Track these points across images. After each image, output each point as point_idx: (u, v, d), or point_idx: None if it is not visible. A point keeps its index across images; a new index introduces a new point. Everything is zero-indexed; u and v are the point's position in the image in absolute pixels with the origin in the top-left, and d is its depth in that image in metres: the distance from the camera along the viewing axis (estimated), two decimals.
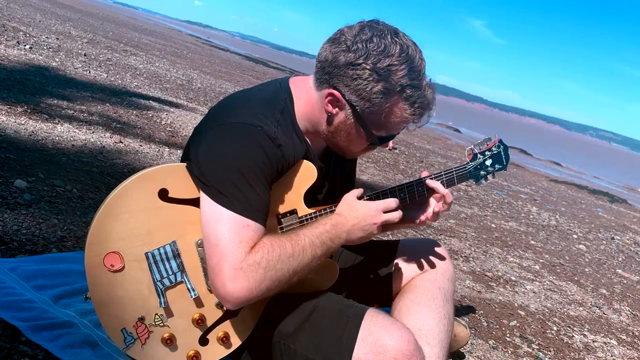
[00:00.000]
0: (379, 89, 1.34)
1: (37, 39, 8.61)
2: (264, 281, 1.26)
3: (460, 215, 5.58)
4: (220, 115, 1.41)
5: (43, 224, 2.22)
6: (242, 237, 1.26)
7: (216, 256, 1.26)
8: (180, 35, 40.33)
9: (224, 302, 1.28)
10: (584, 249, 5.77)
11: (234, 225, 1.27)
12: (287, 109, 1.44)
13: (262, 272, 1.25)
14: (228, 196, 1.28)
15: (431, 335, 1.55)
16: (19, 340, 1.45)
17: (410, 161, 9.04)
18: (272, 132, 1.35)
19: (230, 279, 1.23)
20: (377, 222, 1.48)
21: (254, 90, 1.52)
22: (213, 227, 1.28)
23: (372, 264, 1.84)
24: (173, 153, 4.22)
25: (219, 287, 1.25)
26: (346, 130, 1.44)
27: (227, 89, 11.06)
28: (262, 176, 1.32)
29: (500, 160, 1.74)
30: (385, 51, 1.32)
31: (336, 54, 1.35)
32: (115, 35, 15.96)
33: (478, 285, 3.34)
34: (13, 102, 4.13)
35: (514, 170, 13.80)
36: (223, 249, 1.25)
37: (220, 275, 1.24)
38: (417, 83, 1.35)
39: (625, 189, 20.34)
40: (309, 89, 1.45)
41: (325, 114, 1.44)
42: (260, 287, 1.26)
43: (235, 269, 1.23)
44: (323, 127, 1.46)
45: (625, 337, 3.17)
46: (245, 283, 1.24)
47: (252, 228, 1.28)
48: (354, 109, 1.39)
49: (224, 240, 1.26)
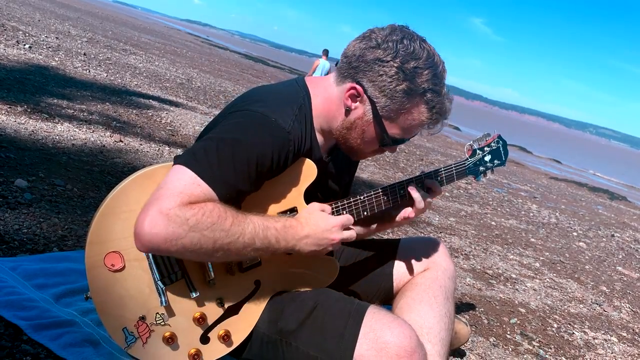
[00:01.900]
0: (402, 88, 1.37)
1: (37, 38, 8.61)
2: (182, 238, 1.20)
3: (461, 213, 5.58)
4: (240, 103, 1.43)
5: (44, 223, 2.22)
6: (186, 190, 1.22)
7: (153, 196, 1.22)
8: (179, 34, 40.30)
9: (136, 241, 1.21)
10: (584, 247, 5.78)
11: (184, 178, 1.23)
12: (304, 106, 1.45)
13: (185, 228, 1.19)
14: (198, 160, 1.26)
15: (432, 333, 1.56)
16: (21, 339, 1.45)
17: (410, 159, 9.04)
18: (287, 125, 1.36)
19: (150, 220, 1.18)
20: (335, 239, 1.43)
21: (272, 86, 1.54)
22: (167, 176, 1.26)
23: (373, 262, 1.84)
24: (173, 152, 4.22)
25: (137, 224, 1.20)
26: (362, 127, 1.45)
27: (226, 88, 11.06)
28: (253, 166, 1.30)
29: (499, 156, 1.74)
30: (414, 53, 1.36)
31: (365, 50, 1.39)
32: (115, 34, 15.95)
33: (478, 283, 3.34)
34: (13, 101, 4.13)
35: (514, 168, 13.81)
36: (162, 192, 1.21)
37: (145, 213, 1.19)
38: (438, 89, 1.39)
39: (625, 186, 20.35)
40: (328, 85, 1.48)
41: (343, 109, 1.45)
42: (175, 242, 1.20)
43: (161, 212, 1.18)
44: (338, 123, 1.47)
45: (625, 334, 3.17)
46: (162, 230, 1.18)
47: (201, 188, 1.24)
48: (374, 105, 1.41)
49: (167, 185, 1.22)
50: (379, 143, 1.48)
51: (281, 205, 1.47)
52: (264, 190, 1.40)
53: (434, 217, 4.91)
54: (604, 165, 36.72)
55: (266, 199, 1.43)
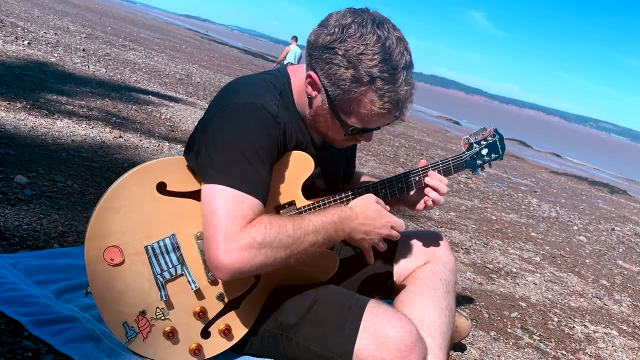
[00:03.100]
0: (347, 76, 1.31)
1: (36, 34, 8.59)
2: (258, 256, 1.24)
3: (461, 207, 5.58)
4: (221, 99, 1.42)
5: (44, 219, 2.22)
6: (237, 213, 1.25)
7: (211, 228, 1.25)
8: (178, 29, 40.20)
9: (218, 272, 1.26)
10: (585, 240, 5.78)
11: (228, 200, 1.26)
12: (285, 92, 1.45)
13: (257, 246, 1.24)
14: (223, 173, 1.28)
15: (433, 327, 1.55)
16: (22, 335, 1.45)
17: (410, 154, 9.03)
18: (273, 110, 1.36)
19: (223, 250, 1.22)
20: (382, 233, 1.48)
21: (253, 75, 1.53)
22: (208, 203, 1.28)
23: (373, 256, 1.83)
24: (173, 147, 4.21)
25: (212, 258, 1.24)
26: (323, 115, 1.42)
27: (226, 83, 11.02)
28: (262, 153, 1.32)
29: (496, 150, 1.75)
30: (361, 39, 1.29)
31: (318, 36, 1.35)
32: (114, 30, 15.91)
33: (479, 277, 3.35)
34: (12, 97, 4.12)
35: (514, 163, 13.80)
36: (218, 222, 1.24)
37: (214, 245, 1.23)
38: (389, 77, 1.30)
39: (625, 180, 20.34)
40: (303, 72, 1.46)
41: (309, 103, 1.44)
42: (253, 262, 1.24)
43: (229, 241, 1.22)
44: (308, 111, 1.46)
45: (626, 328, 3.18)
46: (238, 255, 1.22)
47: (247, 204, 1.27)
48: (327, 94, 1.37)
49: (218, 213, 1.25)
50: (344, 132, 1.43)
51: (278, 200, 1.47)
52: None
53: (434, 211, 4.91)
54: (604, 159, 36.70)
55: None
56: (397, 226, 1.51)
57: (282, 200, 1.47)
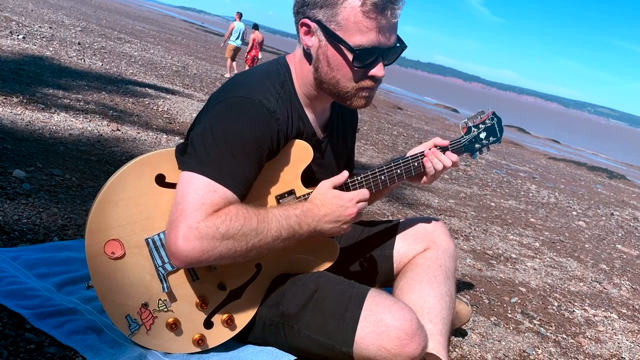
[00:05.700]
0: None
1: (30, 28, 8.53)
2: (217, 247, 1.24)
3: (460, 194, 5.59)
4: (222, 92, 1.42)
5: (43, 213, 2.22)
6: (205, 200, 1.24)
7: (176, 212, 1.24)
8: (174, 21, 39.96)
9: (173, 258, 1.24)
10: (584, 225, 5.79)
11: (200, 188, 1.25)
12: (287, 82, 1.44)
13: (218, 237, 1.23)
14: (202, 163, 1.27)
15: (433, 313, 1.56)
16: (24, 328, 1.46)
17: (409, 142, 9.03)
18: (272, 105, 1.36)
19: (183, 237, 1.20)
20: (350, 213, 1.45)
21: (253, 69, 1.52)
22: (180, 188, 1.27)
23: (373, 244, 1.84)
24: (171, 140, 4.20)
25: (171, 243, 1.23)
26: (324, 55, 1.37)
27: (223, 74, 10.99)
28: (248, 149, 1.31)
29: (495, 133, 1.74)
30: None
31: None
32: (109, 23, 15.82)
33: (479, 264, 3.36)
34: (8, 92, 4.11)
35: (513, 149, 13.80)
36: (184, 207, 1.23)
37: (175, 230, 1.22)
38: None
39: (623, 165, 20.36)
40: (297, 50, 1.47)
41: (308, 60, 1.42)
42: (212, 252, 1.23)
43: (190, 228, 1.21)
44: (312, 77, 1.43)
45: (625, 311, 3.20)
46: (197, 243, 1.21)
47: (219, 194, 1.26)
48: (320, 23, 1.34)
49: (186, 199, 1.24)
50: (351, 63, 1.35)
51: (277, 189, 1.47)
52: (261, 174, 1.39)
53: (433, 199, 4.92)
54: (602, 144, 36.70)
55: (262, 183, 1.43)
56: (361, 198, 1.48)
57: (281, 190, 1.47)
